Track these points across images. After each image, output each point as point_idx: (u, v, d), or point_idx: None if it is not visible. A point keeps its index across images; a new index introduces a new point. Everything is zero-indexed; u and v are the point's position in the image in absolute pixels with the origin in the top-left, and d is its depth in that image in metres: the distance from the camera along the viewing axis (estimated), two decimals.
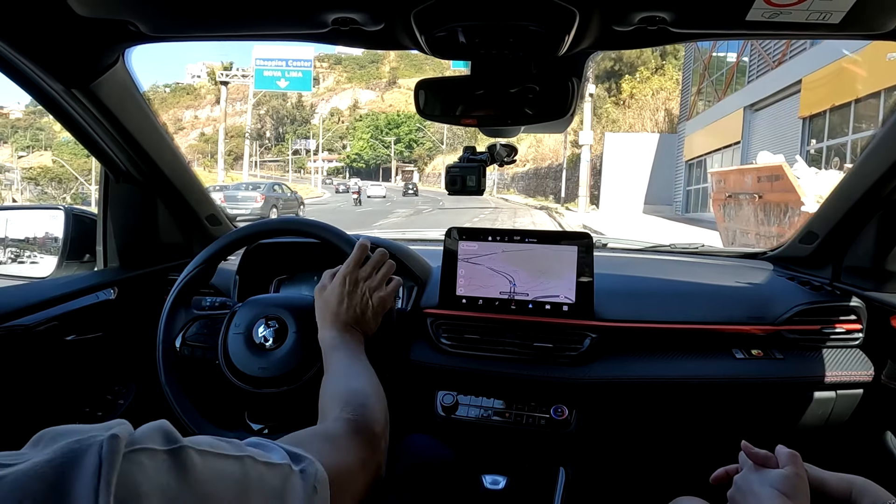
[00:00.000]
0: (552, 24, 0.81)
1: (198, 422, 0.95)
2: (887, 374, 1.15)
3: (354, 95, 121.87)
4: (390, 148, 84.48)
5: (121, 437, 0.34)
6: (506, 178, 41.32)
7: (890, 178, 1.10)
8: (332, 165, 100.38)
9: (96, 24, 0.88)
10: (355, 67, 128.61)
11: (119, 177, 1.30)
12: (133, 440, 0.35)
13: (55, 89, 1.01)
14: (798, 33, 0.83)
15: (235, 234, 1.08)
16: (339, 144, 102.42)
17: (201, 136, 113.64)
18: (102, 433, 0.34)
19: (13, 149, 34.96)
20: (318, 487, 0.45)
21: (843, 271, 1.30)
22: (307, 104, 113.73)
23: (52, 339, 1.11)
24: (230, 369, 0.98)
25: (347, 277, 0.85)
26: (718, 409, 1.21)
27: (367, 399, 0.70)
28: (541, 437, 1.19)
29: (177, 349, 1.03)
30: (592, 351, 1.18)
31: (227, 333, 1.01)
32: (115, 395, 1.31)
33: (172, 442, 0.37)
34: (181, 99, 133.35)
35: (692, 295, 1.30)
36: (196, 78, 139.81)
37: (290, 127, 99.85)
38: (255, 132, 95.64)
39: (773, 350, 1.19)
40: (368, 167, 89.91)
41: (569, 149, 27.00)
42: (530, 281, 1.21)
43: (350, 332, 0.83)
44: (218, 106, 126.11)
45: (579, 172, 19.90)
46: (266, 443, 0.47)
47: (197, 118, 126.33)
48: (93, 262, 1.39)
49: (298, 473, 0.44)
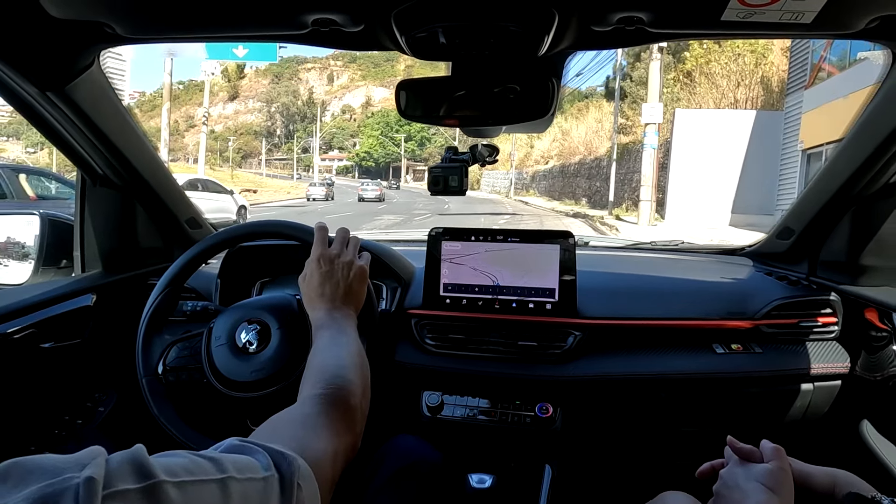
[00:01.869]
0: (532, 24, 0.81)
1: (202, 443, 0.94)
2: (862, 365, 1.18)
3: (368, 93, 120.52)
4: (400, 146, 77.95)
5: (97, 480, 0.32)
6: (524, 178, 35.22)
7: (863, 174, 1.12)
8: (342, 164, 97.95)
9: (71, 26, 0.86)
10: (370, 65, 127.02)
11: (96, 180, 1.28)
12: (106, 481, 0.33)
13: (29, 92, 0.99)
14: (772, 33, 0.85)
15: (194, 251, 1.06)
16: (350, 143, 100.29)
17: (210, 134, 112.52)
18: (77, 473, 0.32)
19: (23, 145, 34.29)
20: (302, 485, 0.45)
21: (819, 266, 1.32)
22: (318, 101, 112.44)
23: (29, 346, 1.09)
24: (221, 382, 0.97)
25: (320, 259, 0.87)
26: (701, 404, 1.23)
27: (343, 370, 0.70)
28: (526, 435, 1.20)
29: (161, 377, 1.01)
30: (576, 349, 1.19)
31: (209, 349, 1.00)
32: (95, 403, 1.29)
33: (146, 477, 0.35)
34: (194, 96, 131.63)
35: (673, 292, 1.32)
36: (210, 75, 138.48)
37: (300, 124, 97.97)
38: (264, 130, 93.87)
39: (753, 344, 1.21)
40: (378, 166, 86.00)
41: (604, 137, 22.72)
42: (514, 280, 1.21)
43: (339, 309, 0.83)
44: (231, 103, 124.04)
45: (636, 166, 15.00)
46: (248, 446, 0.46)
47: (209, 115, 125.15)
48: (70, 267, 1.37)
49: (278, 479, 0.44)
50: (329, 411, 0.63)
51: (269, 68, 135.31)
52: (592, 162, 23.71)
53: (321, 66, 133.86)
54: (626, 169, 18.89)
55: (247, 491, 0.41)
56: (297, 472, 0.45)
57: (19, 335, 1.06)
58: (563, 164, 28.25)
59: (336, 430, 0.61)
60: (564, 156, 28.51)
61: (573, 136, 27.99)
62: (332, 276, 0.85)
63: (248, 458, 0.44)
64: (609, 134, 21.79)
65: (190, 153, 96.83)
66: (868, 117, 1.06)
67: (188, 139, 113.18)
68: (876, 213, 1.17)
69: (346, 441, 0.62)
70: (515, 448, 1.24)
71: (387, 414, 1.12)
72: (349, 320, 0.83)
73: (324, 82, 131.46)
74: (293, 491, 0.44)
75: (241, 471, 0.42)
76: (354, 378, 0.70)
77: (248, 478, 0.42)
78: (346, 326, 0.81)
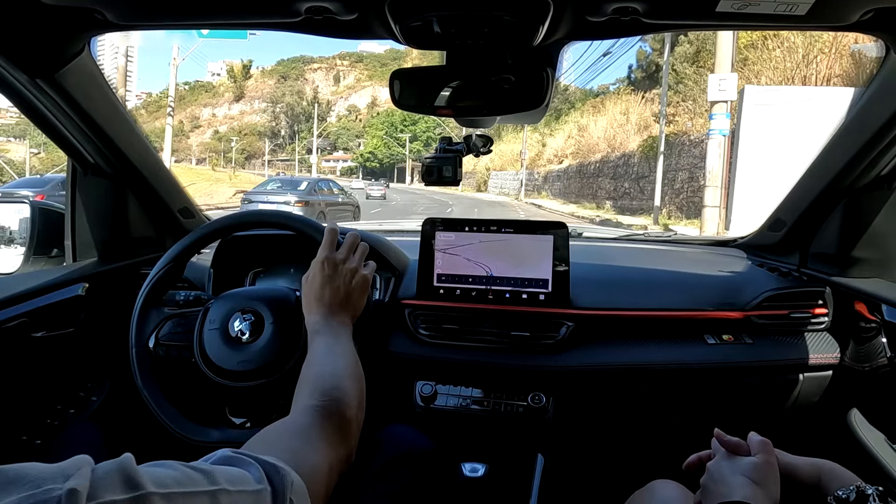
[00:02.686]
0: (526, 14, 0.81)
1: (179, 422, 0.94)
2: (851, 355, 1.19)
3: (374, 93, 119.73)
4: (405, 146, 75.30)
5: (79, 493, 0.31)
6: (536, 179, 30.62)
7: (854, 166, 1.13)
8: (346, 165, 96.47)
9: (61, 12, 0.85)
10: (377, 65, 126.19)
11: (87, 169, 1.27)
12: (91, 492, 0.32)
13: (18, 80, 0.98)
14: (767, 24, 0.85)
15: (205, 229, 1.07)
16: (355, 143, 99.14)
17: (215, 134, 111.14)
18: (60, 485, 0.31)
19: (27, 145, 34.02)
20: (294, 500, 0.45)
21: (809, 257, 1.33)
22: (324, 101, 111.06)
23: (21, 336, 1.08)
24: (208, 366, 0.97)
25: (325, 262, 0.85)
26: (692, 394, 1.24)
27: (340, 381, 0.69)
28: (519, 424, 1.20)
29: (151, 350, 1.01)
30: (569, 339, 1.19)
31: (202, 330, 1.00)
32: (87, 392, 1.29)
33: (134, 488, 0.34)
34: (199, 96, 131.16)
35: (666, 283, 1.32)
36: (216, 76, 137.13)
37: (304, 125, 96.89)
38: (268, 130, 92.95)
39: (744, 335, 1.22)
40: (382, 167, 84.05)
41: (633, 132, 19.37)
42: (507, 270, 1.22)
43: (336, 315, 0.83)
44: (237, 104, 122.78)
45: (678, 163, 12.10)
46: (240, 458, 0.46)
47: (214, 116, 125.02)
48: (61, 256, 1.36)
49: (270, 493, 0.43)
50: (324, 424, 0.62)
51: (275, 68, 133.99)
52: (618, 160, 19.76)
53: (327, 67, 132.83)
54: (665, 166, 14.26)
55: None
56: (290, 486, 0.45)
57: (11, 324, 1.06)
58: (581, 162, 24.35)
59: (331, 443, 0.61)
60: (582, 154, 24.72)
61: (591, 132, 23.96)
62: (333, 281, 0.84)
63: (241, 471, 0.43)
64: (638, 127, 19.68)
65: (193, 153, 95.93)
66: (861, 109, 1.07)
67: (193, 139, 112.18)
68: (867, 206, 1.18)
69: (340, 453, 0.62)
70: (508, 437, 1.25)
71: (380, 404, 1.13)
72: (345, 328, 0.82)
73: (330, 83, 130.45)
74: None
75: (232, 483, 0.41)
76: (351, 390, 0.69)
77: (240, 490, 0.41)
78: (342, 335, 0.80)
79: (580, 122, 26.87)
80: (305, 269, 0.87)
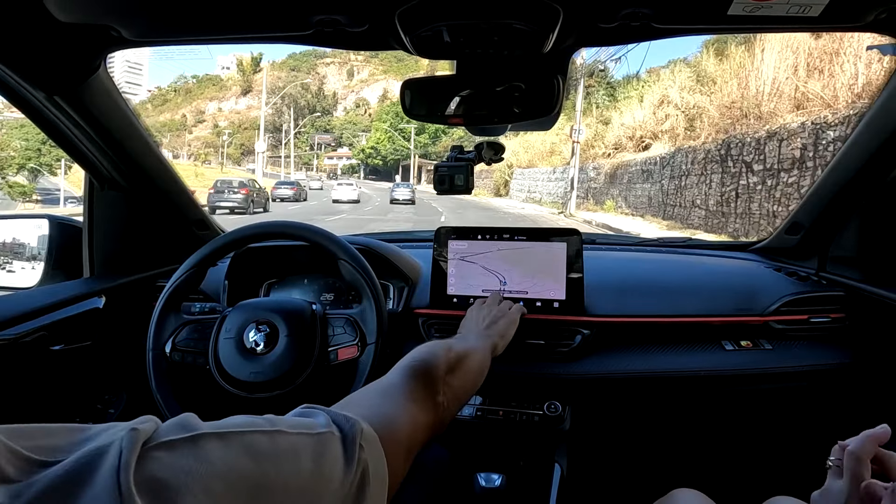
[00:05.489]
0: (537, 22, 0.81)
1: None
2: (871, 361, 1.17)
3: (386, 86, 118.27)
4: (410, 139, 61.63)
5: (140, 431, 0.34)
6: (592, 178, 18.86)
7: (872, 168, 1.12)
8: (347, 163, 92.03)
9: (77, 30, 0.87)
10: (392, 60, 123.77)
11: (104, 184, 1.29)
12: (153, 436, 0.35)
13: (36, 97, 1.00)
14: (779, 27, 0.84)
15: (225, 239, 1.07)
16: (360, 139, 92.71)
17: (214, 129, 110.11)
18: (123, 429, 0.34)
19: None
20: (364, 446, 0.45)
21: (828, 261, 1.31)
22: (331, 94, 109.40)
23: (40, 349, 1.10)
24: (221, 375, 0.98)
25: (495, 308, 1.06)
26: (711, 401, 1.22)
27: (439, 349, 0.74)
28: (535, 433, 1.19)
29: (167, 355, 1.02)
30: (584, 347, 1.18)
31: (217, 338, 1.00)
32: (105, 405, 1.30)
33: (191, 430, 0.36)
34: (206, 90, 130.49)
35: (681, 288, 1.31)
36: (225, 69, 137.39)
37: (308, 118, 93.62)
38: (270, 124, 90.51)
39: (762, 341, 1.20)
40: (386, 164, 75.72)
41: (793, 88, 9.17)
42: (521, 278, 1.21)
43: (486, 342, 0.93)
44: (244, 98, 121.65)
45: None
46: (312, 410, 0.47)
47: (220, 110, 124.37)
48: (79, 270, 1.38)
49: (340, 438, 0.44)
50: (409, 381, 0.65)
51: (286, 62, 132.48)
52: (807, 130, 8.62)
53: (340, 62, 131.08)
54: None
55: (297, 444, 0.40)
56: (360, 433, 0.45)
57: (30, 338, 1.07)
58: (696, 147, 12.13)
59: (415, 399, 0.63)
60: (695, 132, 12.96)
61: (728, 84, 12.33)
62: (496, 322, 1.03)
63: (307, 419, 0.45)
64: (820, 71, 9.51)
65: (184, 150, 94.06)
66: (878, 110, 1.05)
67: (195, 133, 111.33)
68: (885, 209, 1.16)
69: (426, 411, 0.64)
70: (524, 447, 1.24)
71: None
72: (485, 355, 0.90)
73: (343, 77, 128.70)
74: (355, 450, 0.44)
75: (293, 427, 0.42)
76: (440, 360, 0.72)
77: (300, 433, 0.42)
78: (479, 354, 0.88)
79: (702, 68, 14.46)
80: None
